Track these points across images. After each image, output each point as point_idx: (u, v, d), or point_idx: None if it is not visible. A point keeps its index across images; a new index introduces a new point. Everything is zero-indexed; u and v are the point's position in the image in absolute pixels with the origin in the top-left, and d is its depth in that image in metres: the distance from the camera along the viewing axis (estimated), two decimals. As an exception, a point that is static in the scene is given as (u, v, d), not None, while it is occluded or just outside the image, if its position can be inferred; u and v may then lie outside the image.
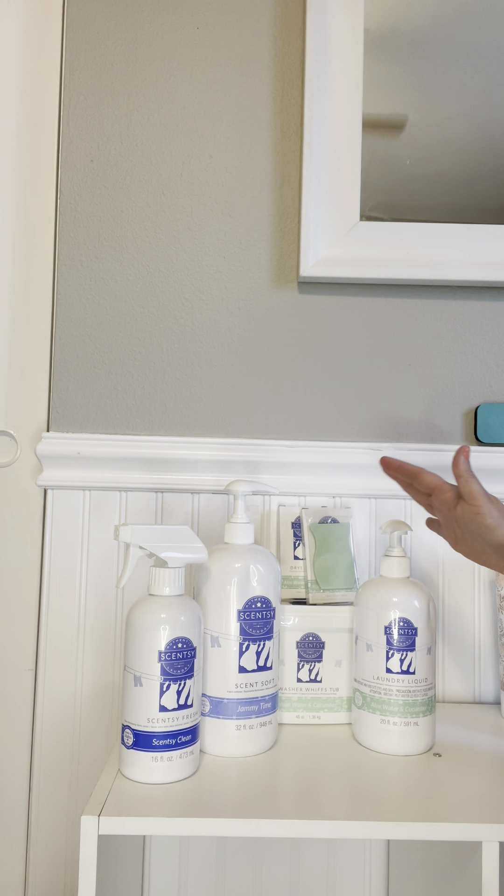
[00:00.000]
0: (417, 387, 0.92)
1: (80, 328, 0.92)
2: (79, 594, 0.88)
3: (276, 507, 0.90)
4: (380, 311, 0.93)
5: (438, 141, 0.90)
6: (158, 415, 0.91)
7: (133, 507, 0.89)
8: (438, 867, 0.69)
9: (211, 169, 0.93)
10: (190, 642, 0.65)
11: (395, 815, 0.59)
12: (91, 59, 0.93)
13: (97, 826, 0.57)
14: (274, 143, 0.93)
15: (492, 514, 0.68)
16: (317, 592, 0.81)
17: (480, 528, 0.68)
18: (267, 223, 0.93)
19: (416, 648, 0.71)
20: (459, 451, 0.71)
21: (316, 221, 0.89)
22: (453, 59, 0.90)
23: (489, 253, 0.90)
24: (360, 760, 0.69)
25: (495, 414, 0.91)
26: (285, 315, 0.92)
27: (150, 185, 0.93)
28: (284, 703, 0.78)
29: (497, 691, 0.89)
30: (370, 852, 0.88)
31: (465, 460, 0.71)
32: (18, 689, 0.90)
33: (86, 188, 0.92)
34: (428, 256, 0.89)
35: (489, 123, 0.90)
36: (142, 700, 0.63)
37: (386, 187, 0.90)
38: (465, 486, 0.69)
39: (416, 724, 0.71)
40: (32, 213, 0.96)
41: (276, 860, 0.88)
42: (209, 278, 0.92)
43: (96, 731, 0.87)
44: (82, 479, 0.89)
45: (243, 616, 0.70)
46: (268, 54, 0.93)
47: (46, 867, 0.87)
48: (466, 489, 0.69)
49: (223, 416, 0.92)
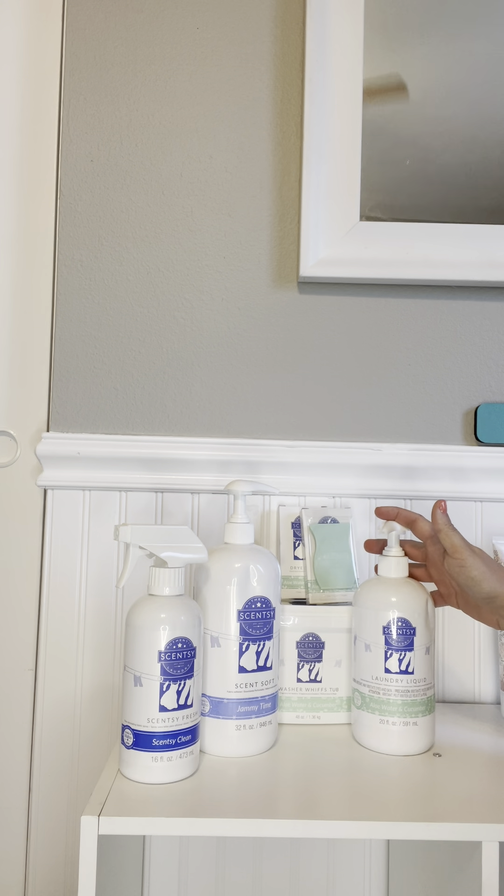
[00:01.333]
0: (417, 387, 0.92)
1: (80, 328, 0.92)
2: (79, 594, 0.88)
3: (276, 507, 0.90)
4: (380, 311, 0.93)
5: (438, 140, 0.90)
6: (158, 415, 0.91)
7: (133, 507, 0.89)
8: (438, 867, 0.69)
9: (211, 169, 0.93)
10: (190, 642, 0.65)
11: (395, 815, 0.59)
12: (91, 59, 0.93)
13: (97, 826, 0.57)
14: (274, 143, 0.93)
15: (476, 566, 0.67)
16: (317, 592, 0.82)
17: (467, 580, 0.67)
18: (267, 223, 0.93)
19: (414, 648, 0.71)
20: (436, 506, 0.70)
21: (316, 221, 0.89)
22: (453, 59, 0.90)
23: (488, 253, 0.90)
24: (360, 760, 0.69)
25: (495, 414, 0.91)
26: (285, 315, 0.92)
27: (150, 185, 0.93)
28: (284, 703, 0.78)
29: (496, 691, 0.89)
30: (370, 852, 0.88)
31: (442, 514, 0.70)
32: (18, 689, 0.90)
33: (86, 188, 0.92)
34: (428, 256, 0.89)
35: (490, 121, 0.90)
36: (142, 700, 0.63)
37: (386, 187, 0.90)
38: (446, 540, 0.68)
39: (415, 723, 0.71)
40: (32, 213, 0.96)
41: (276, 860, 0.88)
42: (209, 278, 0.92)
43: (96, 731, 0.87)
44: (82, 479, 0.89)
45: (243, 616, 0.70)
46: (268, 54, 0.93)
47: (46, 867, 0.87)
48: (448, 542, 0.68)
49: (223, 416, 0.92)
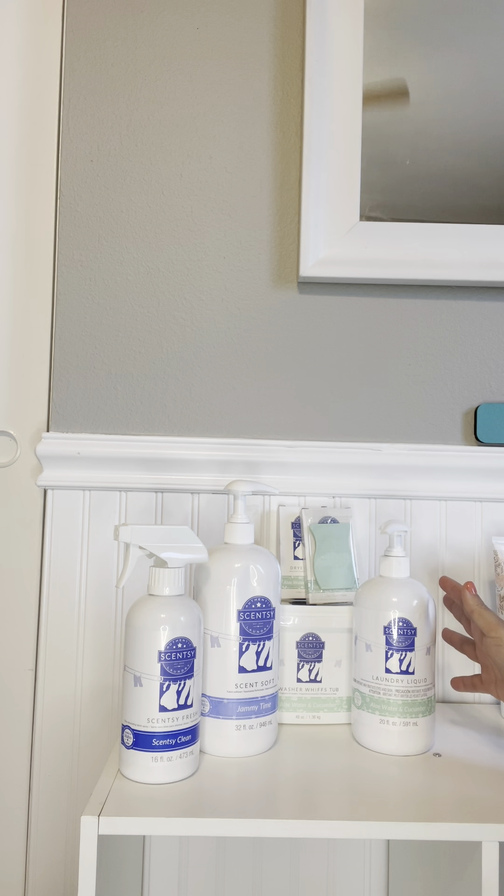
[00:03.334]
0: (417, 387, 0.92)
1: (80, 328, 0.92)
2: (79, 594, 0.88)
3: (276, 507, 0.90)
4: (379, 311, 0.93)
5: (439, 139, 0.90)
6: (158, 415, 0.91)
7: (133, 507, 0.89)
8: (438, 867, 0.69)
9: (211, 169, 0.93)
10: (190, 642, 0.65)
11: (394, 815, 0.59)
12: (91, 59, 0.93)
13: (97, 826, 0.57)
14: (274, 143, 0.93)
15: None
16: (317, 592, 0.82)
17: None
18: (267, 223, 0.93)
19: (415, 648, 0.71)
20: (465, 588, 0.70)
21: (316, 221, 0.89)
22: (453, 59, 0.90)
23: (489, 253, 0.90)
24: (360, 760, 0.69)
25: (495, 414, 0.91)
26: (285, 315, 0.92)
27: (150, 185, 0.93)
28: (284, 703, 0.78)
29: (497, 691, 0.89)
30: (370, 852, 0.88)
31: (472, 595, 0.69)
32: (18, 689, 0.90)
33: (86, 188, 0.92)
34: (428, 256, 0.89)
35: (489, 122, 0.90)
36: (142, 700, 0.63)
37: (386, 187, 0.90)
38: (479, 620, 0.68)
39: (415, 724, 0.71)
40: (32, 213, 0.96)
41: (276, 860, 0.88)
42: (209, 278, 0.92)
43: (96, 731, 0.87)
44: (82, 479, 0.89)
45: (243, 616, 0.70)
46: (268, 54, 0.93)
47: (46, 867, 0.87)
48: (483, 622, 0.68)
49: (223, 416, 0.92)
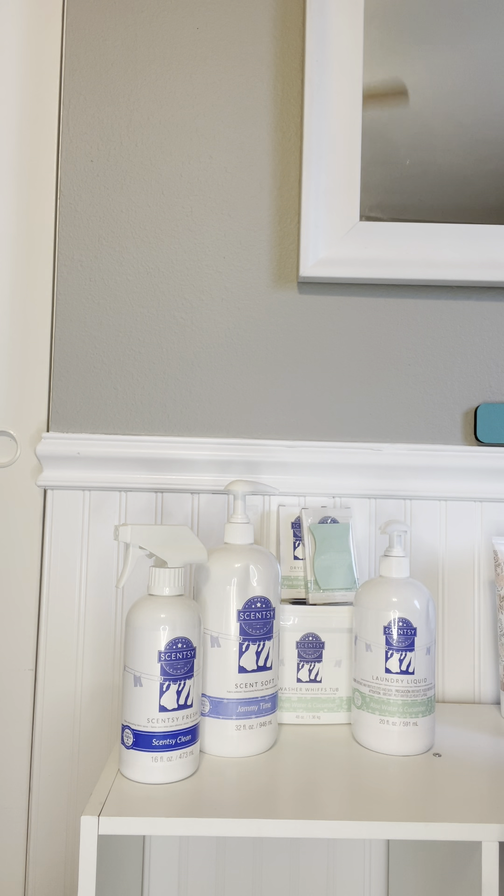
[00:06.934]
0: (417, 387, 0.92)
1: (80, 328, 0.92)
2: (79, 594, 0.88)
3: (276, 507, 0.90)
4: (379, 311, 0.93)
5: (438, 139, 0.90)
6: (158, 415, 0.91)
7: (133, 507, 0.89)
8: (438, 867, 0.69)
9: (211, 169, 0.93)
10: (189, 642, 0.65)
11: (394, 815, 0.59)
12: (91, 59, 0.93)
13: (97, 826, 0.57)
14: (274, 143, 0.93)
15: None
16: (317, 592, 0.82)
17: None
18: (267, 223, 0.93)
19: (415, 648, 0.71)
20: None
21: (316, 221, 0.89)
22: (454, 59, 0.90)
23: (489, 253, 0.90)
24: (360, 760, 0.69)
25: (495, 414, 0.91)
26: (285, 315, 0.92)
27: (150, 185, 0.93)
28: (284, 703, 0.78)
29: (497, 691, 0.89)
30: (370, 852, 0.88)
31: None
32: (18, 689, 0.90)
33: (86, 188, 0.92)
34: (428, 256, 0.89)
35: (489, 121, 0.90)
36: (141, 700, 0.63)
37: (386, 187, 0.90)
38: None
39: (415, 724, 0.71)
40: (32, 213, 0.96)
41: (276, 860, 0.88)
42: (209, 278, 0.92)
43: (96, 731, 0.87)
44: (82, 479, 0.89)
45: (243, 616, 0.70)
46: (268, 54, 0.93)
47: (46, 867, 0.87)
48: None
49: (223, 416, 0.92)
